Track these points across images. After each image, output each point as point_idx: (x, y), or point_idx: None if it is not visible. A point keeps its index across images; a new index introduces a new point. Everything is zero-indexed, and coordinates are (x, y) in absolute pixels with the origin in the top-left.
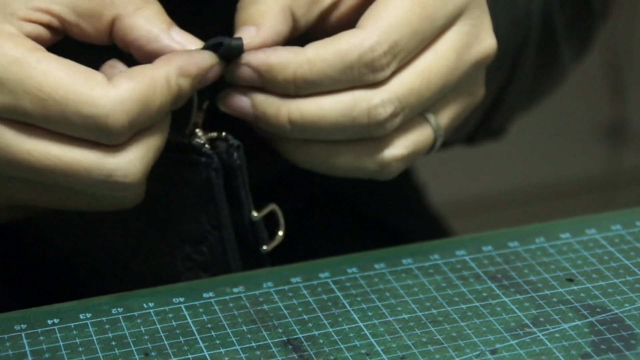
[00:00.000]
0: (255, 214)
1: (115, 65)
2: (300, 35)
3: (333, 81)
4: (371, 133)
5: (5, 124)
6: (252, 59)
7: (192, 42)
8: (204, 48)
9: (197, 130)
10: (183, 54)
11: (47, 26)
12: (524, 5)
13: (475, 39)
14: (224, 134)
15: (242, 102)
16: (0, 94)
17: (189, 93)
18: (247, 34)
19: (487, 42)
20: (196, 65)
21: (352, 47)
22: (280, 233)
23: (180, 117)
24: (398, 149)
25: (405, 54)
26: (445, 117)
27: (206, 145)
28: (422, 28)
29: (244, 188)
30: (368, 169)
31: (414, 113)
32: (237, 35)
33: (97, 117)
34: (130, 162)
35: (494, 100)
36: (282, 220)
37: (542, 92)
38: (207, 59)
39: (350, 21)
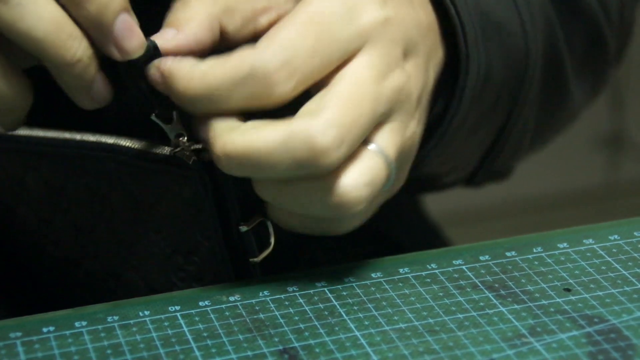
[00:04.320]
0: (243, 225)
1: None
2: (231, 47)
3: (225, 97)
4: (316, 166)
5: None
6: (162, 62)
7: None
8: None
9: (183, 140)
10: None
11: None
12: (521, 41)
13: (387, 67)
14: None
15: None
16: None
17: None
18: (165, 36)
19: (397, 74)
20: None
21: (243, 63)
22: (271, 241)
23: (164, 130)
24: (354, 183)
25: (308, 72)
26: (388, 143)
27: (193, 157)
28: (322, 46)
29: (231, 200)
30: (324, 210)
31: (355, 141)
32: (157, 36)
33: None
34: None
35: (493, 140)
36: (272, 230)
37: (551, 133)
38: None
39: None
